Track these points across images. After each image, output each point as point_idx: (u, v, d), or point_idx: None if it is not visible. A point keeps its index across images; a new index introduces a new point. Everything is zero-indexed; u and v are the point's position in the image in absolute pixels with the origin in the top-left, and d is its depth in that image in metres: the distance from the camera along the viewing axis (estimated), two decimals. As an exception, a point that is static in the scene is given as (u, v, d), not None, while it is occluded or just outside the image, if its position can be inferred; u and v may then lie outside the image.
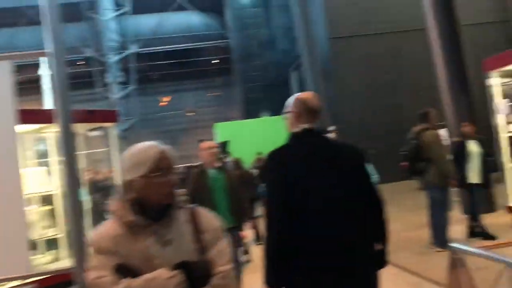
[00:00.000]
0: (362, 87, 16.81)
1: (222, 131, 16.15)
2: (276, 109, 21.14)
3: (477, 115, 8.63)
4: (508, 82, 7.21)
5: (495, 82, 7.12)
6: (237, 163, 8.70)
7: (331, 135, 13.82)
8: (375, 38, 16.89)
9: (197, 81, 29.67)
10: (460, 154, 6.61)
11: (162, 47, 27.63)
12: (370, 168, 4.89)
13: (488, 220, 7.11)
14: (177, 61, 28.53)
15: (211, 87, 29.31)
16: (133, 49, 27.03)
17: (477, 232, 6.76)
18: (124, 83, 27.10)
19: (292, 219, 2.26)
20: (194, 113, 28.91)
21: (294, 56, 20.19)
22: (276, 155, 2.43)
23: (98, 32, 26.61)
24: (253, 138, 15.25)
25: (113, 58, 26.73)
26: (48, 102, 10.24)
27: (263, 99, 22.68)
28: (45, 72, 10.94)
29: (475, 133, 6.86)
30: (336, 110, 16.46)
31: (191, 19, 28.06)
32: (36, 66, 11.51)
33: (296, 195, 2.28)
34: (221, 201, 4.77)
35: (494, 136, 7.29)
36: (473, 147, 6.65)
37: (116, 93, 26.77)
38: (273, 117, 17.83)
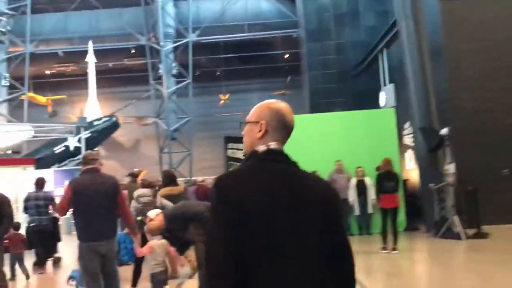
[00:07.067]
0: (486, 71, 11.35)
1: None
2: (351, 103, 16.25)
3: None
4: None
5: None
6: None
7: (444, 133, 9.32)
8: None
9: (263, 80, 25.63)
10: None
11: (225, 36, 23.45)
12: None
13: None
14: (241, 54, 24.43)
15: (278, 88, 24.89)
16: (192, 37, 23.13)
17: None
18: (179, 76, 23.39)
19: (243, 274, 1.59)
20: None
21: (381, 35, 14.96)
22: (228, 185, 1.66)
23: (154, 16, 23.07)
24: (318, 135, 11.56)
25: (168, 46, 23.09)
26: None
27: (336, 90, 17.51)
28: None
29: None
30: (446, 105, 11.18)
31: (259, 5, 23.63)
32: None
33: (255, 243, 1.60)
34: None
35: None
36: None
37: (169, 88, 23.08)
38: (345, 112, 13.42)
